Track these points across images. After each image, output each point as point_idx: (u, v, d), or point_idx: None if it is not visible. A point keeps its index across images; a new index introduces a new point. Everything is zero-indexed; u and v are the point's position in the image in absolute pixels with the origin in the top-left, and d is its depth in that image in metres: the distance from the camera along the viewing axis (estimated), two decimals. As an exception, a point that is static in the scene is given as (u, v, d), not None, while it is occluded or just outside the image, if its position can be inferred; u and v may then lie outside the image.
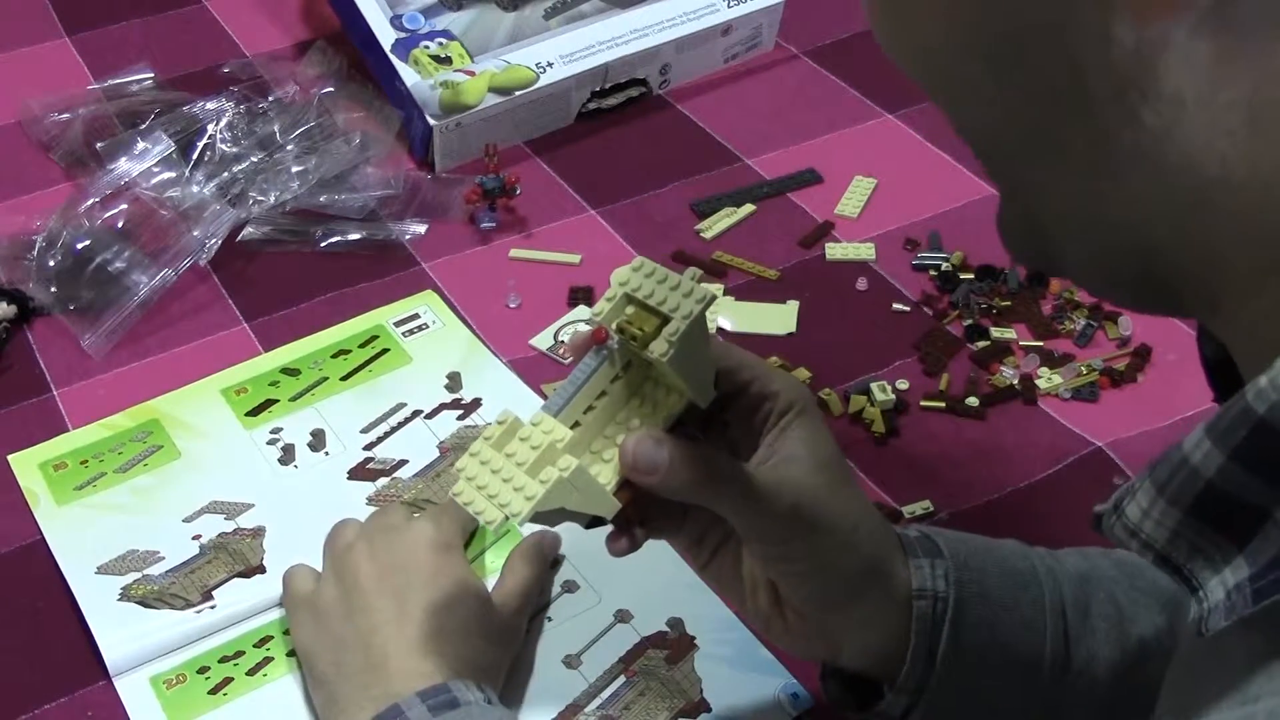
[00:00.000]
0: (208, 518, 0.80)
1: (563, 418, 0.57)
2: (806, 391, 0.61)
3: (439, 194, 1.04)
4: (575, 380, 0.58)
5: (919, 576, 0.61)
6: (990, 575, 0.62)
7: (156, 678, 0.72)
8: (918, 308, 0.94)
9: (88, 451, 0.84)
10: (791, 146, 1.10)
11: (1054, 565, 0.64)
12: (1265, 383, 0.36)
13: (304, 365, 0.90)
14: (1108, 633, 0.63)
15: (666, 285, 0.55)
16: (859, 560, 0.60)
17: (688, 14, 1.14)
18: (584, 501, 0.56)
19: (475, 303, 0.95)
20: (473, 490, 0.56)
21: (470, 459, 0.57)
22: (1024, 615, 0.62)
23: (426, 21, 1.10)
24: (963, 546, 0.63)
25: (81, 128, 1.06)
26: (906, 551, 0.61)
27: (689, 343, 0.55)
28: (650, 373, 0.59)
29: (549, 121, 1.11)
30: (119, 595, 0.75)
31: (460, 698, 0.62)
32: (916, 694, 0.61)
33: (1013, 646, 0.61)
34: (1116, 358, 0.90)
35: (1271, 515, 0.37)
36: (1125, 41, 0.37)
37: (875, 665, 0.62)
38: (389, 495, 0.81)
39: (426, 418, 0.87)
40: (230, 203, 0.98)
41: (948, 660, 0.60)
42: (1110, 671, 0.62)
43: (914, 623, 0.60)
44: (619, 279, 0.57)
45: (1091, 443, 0.85)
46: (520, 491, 0.54)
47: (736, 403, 0.60)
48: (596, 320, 0.57)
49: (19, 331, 0.93)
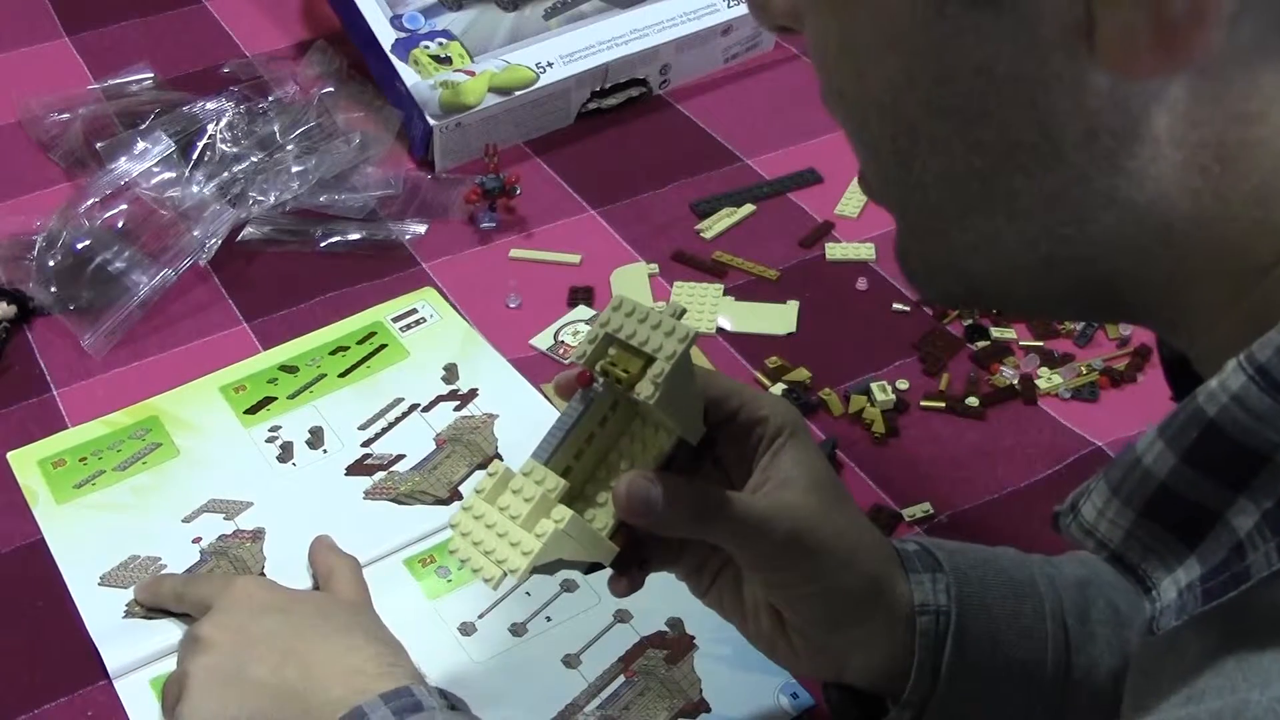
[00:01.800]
0: (207, 518, 0.80)
1: (553, 464, 0.57)
2: (795, 413, 0.61)
3: (439, 194, 1.04)
4: (563, 424, 0.58)
5: (920, 592, 0.61)
6: (990, 586, 0.62)
7: (156, 679, 0.72)
8: (918, 308, 0.94)
9: (86, 449, 0.84)
10: (791, 146, 1.10)
11: (1053, 573, 0.64)
12: (1215, 385, 0.37)
13: (302, 363, 0.90)
14: (1108, 639, 0.63)
15: (648, 324, 0.55)
16: (859, 579, 0.59)
17: (688, 14, 1.14)
18: (581, 550, 0.56)
19: (475, 302, 0.95)
20: (469, 547, 0.56)
21: (464, 515, 0.56)
22: (1025, 625, 0.62)
23: (426, 21, 1.10)
24: (962, 559, 0.63)
25: (81, 128, 1.07)
26: (906, 567, 0.61)
27: (675, 382, 0.54)
28: (639, 410, 0.58)
29: (549, 121, 1.11)
30: (124, 614, 0.75)
31: (423, 702, 0.60)
32: (920, 708, 0.61)
33: (1015, 656, 0.61)
34: (1116, 358, 0.90)
35: (1222, 516, 0.37)
36: (1099, 88, 0.37)
37: (879, 681, 0.62)
38: (386, 489, 0.82)
39: (423, 411, 0.87)
40: (230, 203, 0.98)
41: (951, 674, 0.60)
42: (1111, 677, 0.62)
43: (918, 639, 0.60)
44: (600, 320, 0.57)
45: (1091, 443, 0.85)
46: (517, 547, 0.54)
47: (726, 430, 0.60)
48: (580, 363, 0.57)
49: (19, 331, 0.93)
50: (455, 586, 0.76)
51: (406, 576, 0.77)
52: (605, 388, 0.57)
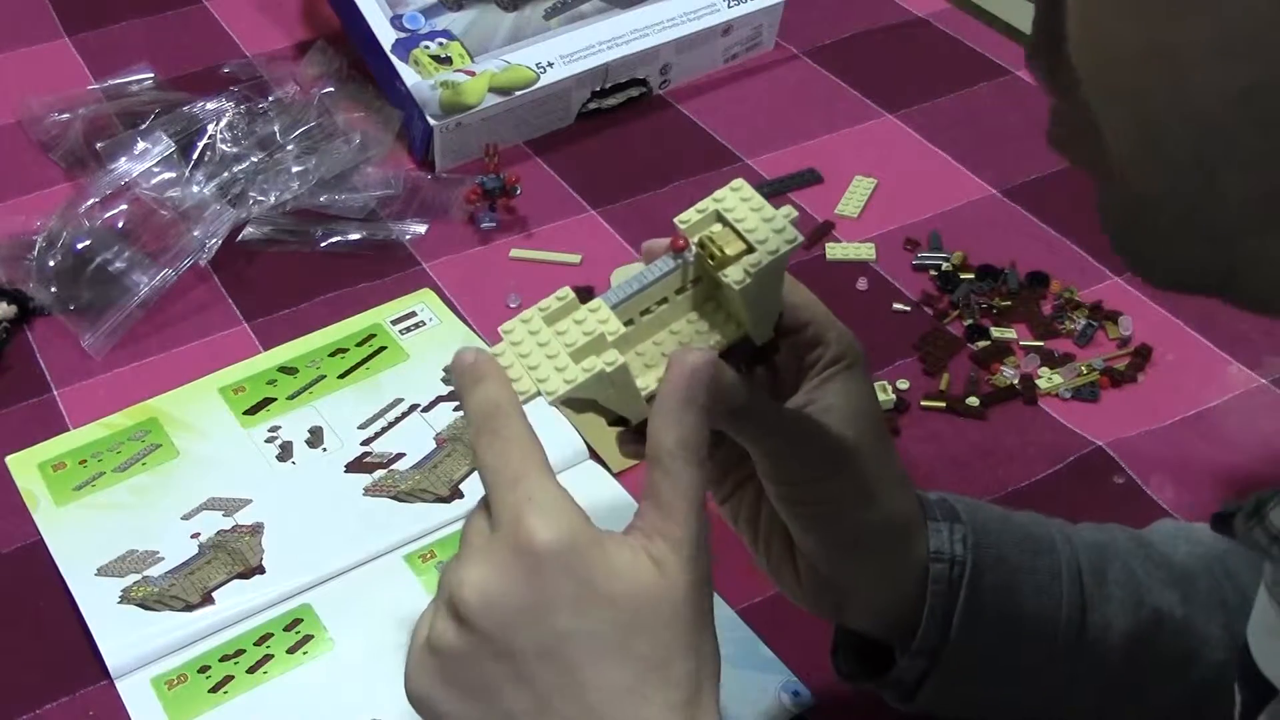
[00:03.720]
0: (206, 515, 0.80)
1: (619, 312, 0.54)
2: (860, 348, 0.59)
3: (439, 194, 1.04)
4: (642, 280, 0.55)
5: (936, 539, 0.60)
6: (1008, 541, 0.62)
7: (158, 678, 0.72)
8: (918, 308, 0.94)
9: (86, 451, 0.84)
10: (791, 146, 1.10)
11: (1071, 534, 0.64)
12: None
13: (301, 364, 0.90)
14: (1123, 601, 0.62)
15: (760, 215, 0.54)
16: (877, 514, 0.59)
17: (688, 14, 1.14)
18: (617, 400, 0.54)
19: (475, 302, 0.95)
20: (513, 354, 0.53)
21: (519, 324, 0.53)
22: (1040, 580, 0.61)
23: (426, 21, 1.10)
24: (981, 513, 0.62)
25: (81, 128, 1.07)
26: (925, 514, 0.61)
27: (765, 278, 0.53)
28: (716, 294, 0.56)
29: (549, 121, 1.11)
30: (119, 598, 0.75)
31: None
32: (932, 658, 0.60)
33: (1029, 610, 0.61)
34: (1116, 358, 0.90)
35: None
36: None
37: (883, 627, 0.62)
38: (386, 486, 0.82)
39: (423, 411, 0.87)
40: (230, 203, 0.98)
41: (964, 623, 0.60)
42: (1124, 640, 0.62)
43: (930, 584, 0.59)
44: (715, 196, 0.55)
45: (1092, 443, 0.85)
46: (561, 373, 0.52)
47: (788, 340, 0.58)
48: (682, 227, 0.55)
49: (19, 331, 0.93)
50: (456, 586, 0.76)
51: (407, 572, 0.77)
52: (696, 259, 0.55)
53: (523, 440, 0.49)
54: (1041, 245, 0.99)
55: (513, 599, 0.46)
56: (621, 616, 0.46)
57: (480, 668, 0.47)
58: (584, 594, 0.46)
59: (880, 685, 0.63)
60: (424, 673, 0.48)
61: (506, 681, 0.46)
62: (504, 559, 0.46)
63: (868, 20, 1.25)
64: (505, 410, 0.49)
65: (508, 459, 0.48)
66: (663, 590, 0.47)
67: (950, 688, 0.61)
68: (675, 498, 0.49)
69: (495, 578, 0.46)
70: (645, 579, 0.47)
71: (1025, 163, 1.06)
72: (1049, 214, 1.02)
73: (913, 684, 0.61)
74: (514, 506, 0.47)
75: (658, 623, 0.47)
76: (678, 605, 0.47)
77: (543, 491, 0.47)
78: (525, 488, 0.47)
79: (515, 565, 0.46)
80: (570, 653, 0.46)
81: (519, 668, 0.46)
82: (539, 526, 0.46)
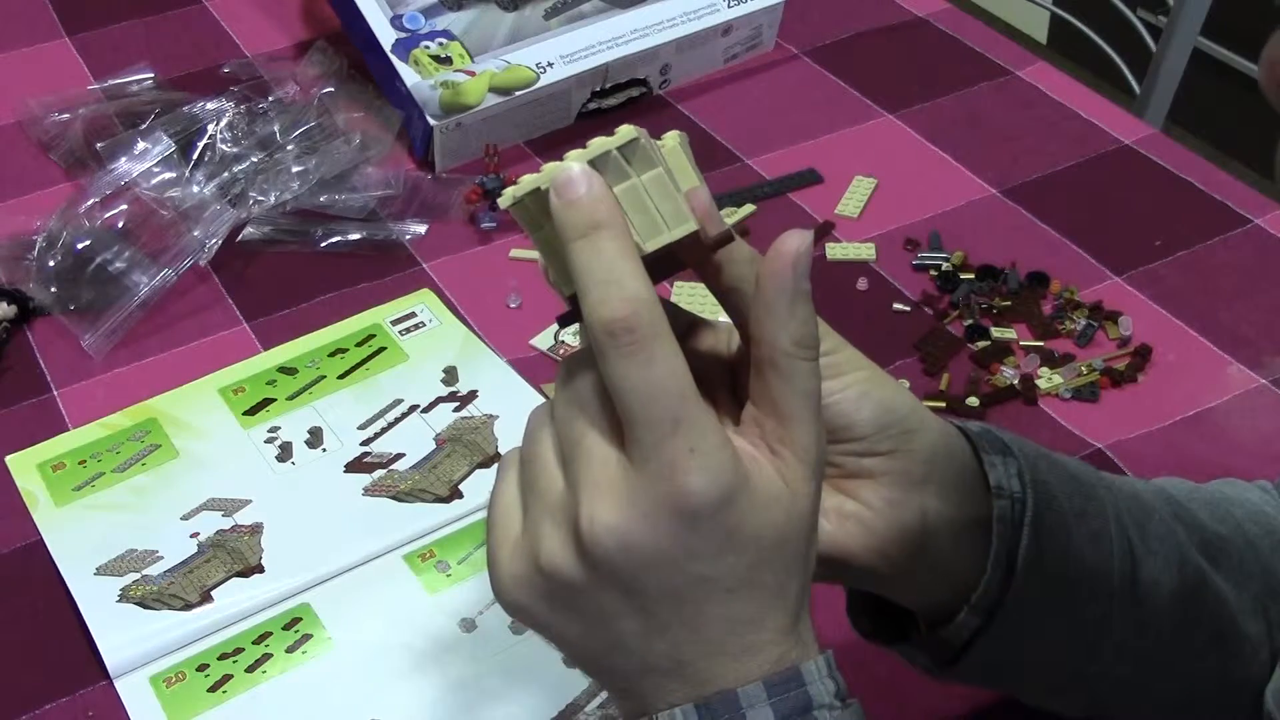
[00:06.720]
0: (206, 515, 0.80)
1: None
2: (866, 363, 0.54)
3: (439, 194, 1.04)
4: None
5: (994, 474, 0.52)
6: (1058, 480, 0.54)
7: (156, 677, 0.72)
8: (918, 308, 0.94)
9: (85, 451, 0.84)
10: (791, 146, 1.10)
11: (1109, 481, 0.57)
12: None
13: (301, 364, 0.90)
14: (1167, 558, 0.56)
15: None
16: (925, 436, 0.51)
17: (688, 14, 1.14)
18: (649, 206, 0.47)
19: (475, 303, 0.95)
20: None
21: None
22: (1093, 526, 0.54)
23: (426, 21, 1.10)
24: (1027, 445, 0.55)
25: (81, 128, 1.07)
26: (974, 444, 0.53)
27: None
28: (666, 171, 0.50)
29: (549, 121, 1.11)
30: (118, 597, 0.75)
31: (815, 698, 0.44)
32: (988, 614, 0.52)
33: (1084, 560, 0.54)
34: (1116, 358, 0.90)
35: None
36: None
37: (930, 582, 0.53)
38: (385, 486, 0.82)
39: (423, 412, 0.87)
40: (230, 203, 0.98)
41: (1027, 569, 0.52)
42: (1171, 600, 0.56)
43: (994, 524, 0.51)
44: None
45: (1092, 443, 0.85)
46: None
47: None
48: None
49: (19, 331, 0.93)
50: (455, 582, 0.76)
51: (406, 572, 0.77)
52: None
53: (677, 368, 0.43)
54: (1041, 245, 0.99)
55: (652, 550, 0.43)
56: (759, 555, 0.44)
57: (599, 597, 0.44)
58: (728, 542, 0.43)
59: (914, 649, 0.55)
60: (528, 588, 0.45)
61: (623, 611, 0.44)
62: (652, 511, 0.42)
63: (868, 20, 1.25)
64: (658, 329, 0.43)
65: (664, 391, 0.42)
66: (795, 516, 0.44)
67: (999, 651, 0.53)
68: (796, 403, 0.45)
69: (638, 528, 0.42)
70: (782, 510, 0.44)
71: (1025, 163, 1.06)
72: (1049, 214, 1.02)
73: (959, 646, 0.53)
74: (672, 456, 0.42)
75: (786, 549, 0.44)
76: (804, 523, 0.45)
77: (704, 440, 0.42)
78: (686, 434, 0.42)
79: (665, 520, 0.42)
80: (699, 594, 0.43)
81: (641, 602, 0.43)
82: (700, 485, 0.42)
